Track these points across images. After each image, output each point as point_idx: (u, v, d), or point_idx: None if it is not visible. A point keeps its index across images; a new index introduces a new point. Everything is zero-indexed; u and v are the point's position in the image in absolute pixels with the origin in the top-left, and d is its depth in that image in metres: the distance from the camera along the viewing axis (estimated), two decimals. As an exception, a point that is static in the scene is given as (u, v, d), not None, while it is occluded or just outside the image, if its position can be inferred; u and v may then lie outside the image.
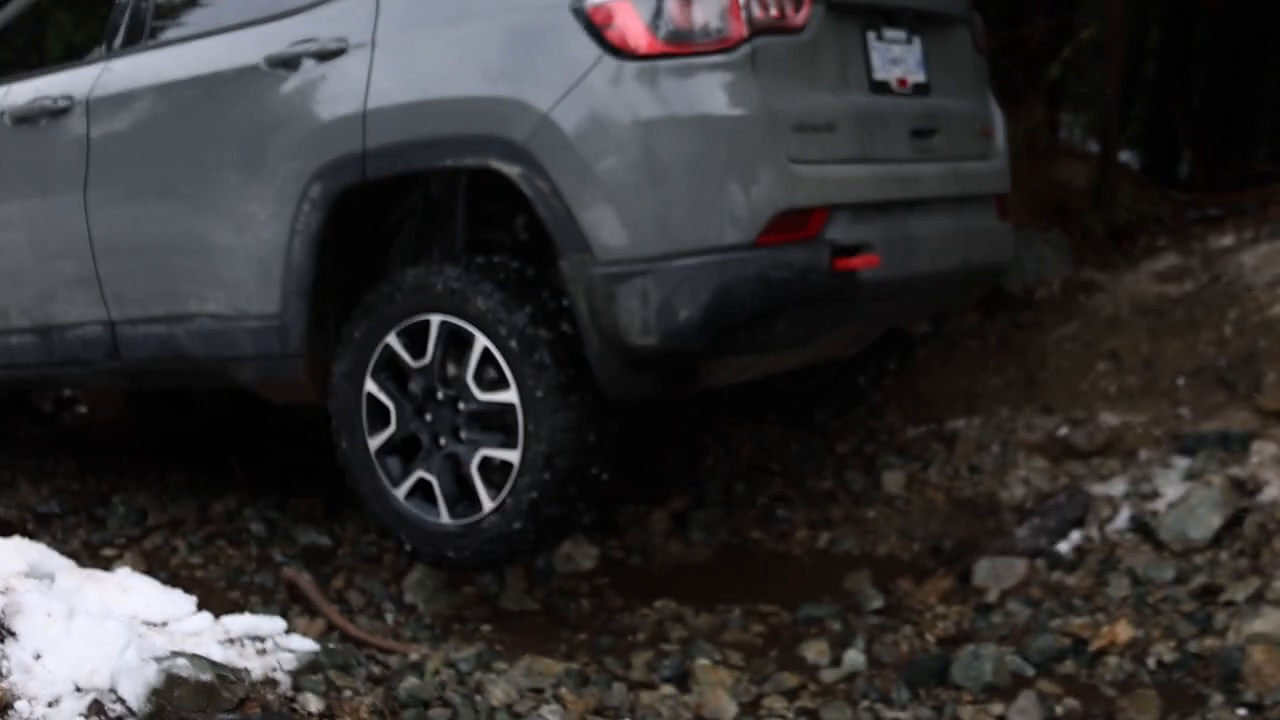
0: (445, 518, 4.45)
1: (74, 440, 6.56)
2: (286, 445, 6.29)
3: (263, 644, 4.05)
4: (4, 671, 3.71)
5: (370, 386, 4.56)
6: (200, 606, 4.28)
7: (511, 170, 4.16)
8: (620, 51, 4.02)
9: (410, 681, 3.93)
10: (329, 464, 6.14)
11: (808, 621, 4.51)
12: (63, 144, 5.17)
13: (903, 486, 5.40)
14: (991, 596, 4.51)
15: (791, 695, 4.01)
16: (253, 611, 4.56)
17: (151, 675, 3.64)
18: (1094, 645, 4.06)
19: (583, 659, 4.32)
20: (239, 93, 4.69)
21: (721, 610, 4.63)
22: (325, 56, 4.50)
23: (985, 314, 6.88)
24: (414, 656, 4.17)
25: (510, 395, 4.27)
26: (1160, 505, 4.66)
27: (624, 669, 4.20)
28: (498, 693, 3.91)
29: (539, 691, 3.95)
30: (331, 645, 4.22)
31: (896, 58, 4.60)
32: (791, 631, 4.48)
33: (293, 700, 3.78)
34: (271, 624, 4.15)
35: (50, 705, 3.61)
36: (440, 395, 4.45)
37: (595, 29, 4.04)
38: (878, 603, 4.61)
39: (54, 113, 5.17)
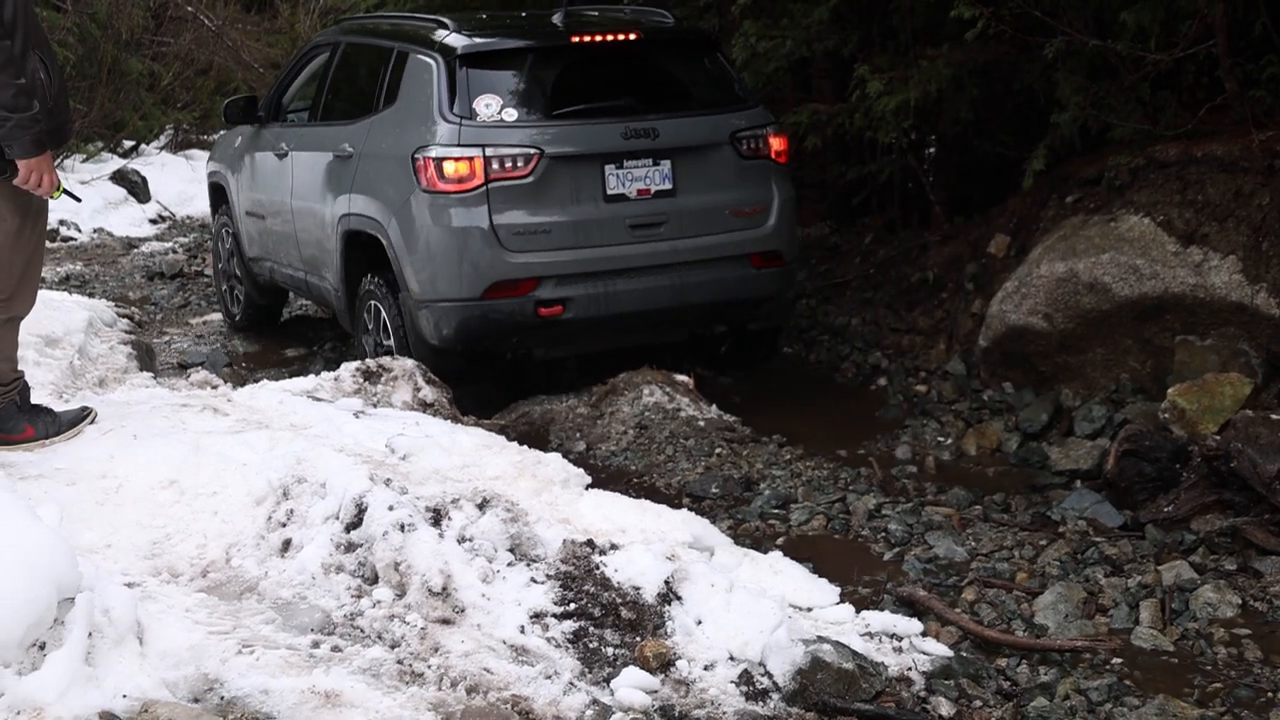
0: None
1: (725, 428, 7.03)
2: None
3: (899, 643, 4.23)
4: (669, 631, 4.10)
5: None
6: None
7: (384, 241, 7.36)
8: (422, 187, 7.07)
9: (1039, 701, 3.97)
10: (964, 474, 6.30)
11: None
12: (285, 171, 8.82)
13: None
14: None
15: None
16: (885, 610, 4.74)
17: (798, 656, 3.89)
18: None
19: (1217, 708, 4.17)
20: (328, 164, 8.13)
21: (1377, 682, 4.32)
22: (348, 157, 7.83)
23: None
24: (1045, 677, 4.20)
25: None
26: None
27: (1264, 726, 4.03)
28: (1128, 728, 3.88)
29: (1171, 733, 3.88)
30: (964, 654, 4.33)
31: (639, 176, 7.22)
32: None
33: (925, 701, 3.92)
34: (908, 624, 4.32)
35: (706, 669, 3.94)
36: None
37: (415, 171, 7.09)
38: None
39: (282, 154, 8.89)
